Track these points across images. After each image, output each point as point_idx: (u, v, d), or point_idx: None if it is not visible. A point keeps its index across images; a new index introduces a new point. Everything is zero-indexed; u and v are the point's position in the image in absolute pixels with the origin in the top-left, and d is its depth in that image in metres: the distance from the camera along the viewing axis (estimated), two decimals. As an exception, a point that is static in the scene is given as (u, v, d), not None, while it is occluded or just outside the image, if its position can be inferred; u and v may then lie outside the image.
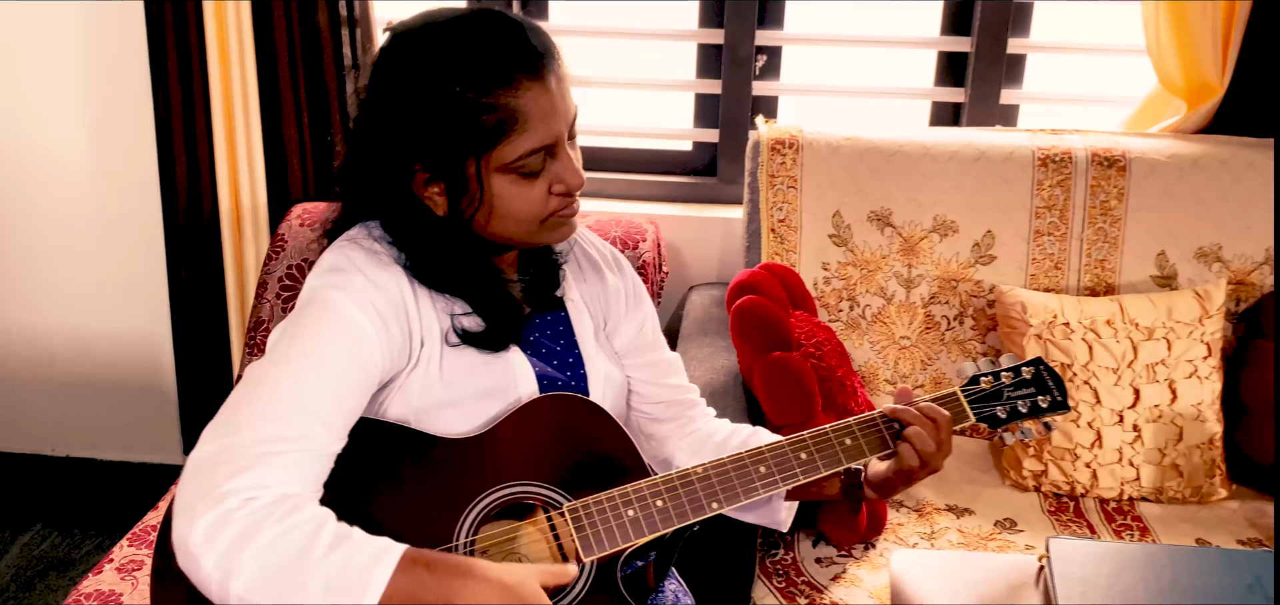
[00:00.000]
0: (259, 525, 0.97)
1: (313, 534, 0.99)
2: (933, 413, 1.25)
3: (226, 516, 0.97)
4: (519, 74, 1.11)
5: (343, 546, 0.99)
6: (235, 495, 0.98)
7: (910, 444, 1.24)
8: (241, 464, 1.01)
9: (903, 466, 1.24)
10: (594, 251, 1.40)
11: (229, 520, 0.97)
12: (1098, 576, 1.18)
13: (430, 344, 1.18)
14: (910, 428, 1.24)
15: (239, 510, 0.98)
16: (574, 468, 1.19)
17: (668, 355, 1.43)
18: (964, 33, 2.27)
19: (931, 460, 1.24)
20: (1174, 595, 1.14)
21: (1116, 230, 2.01)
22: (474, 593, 1.00)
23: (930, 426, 1.24)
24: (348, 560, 0.98)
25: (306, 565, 0.97)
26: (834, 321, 2.07)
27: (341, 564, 0.98)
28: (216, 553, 0.96)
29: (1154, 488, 1.88)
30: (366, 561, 0.99)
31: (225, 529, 0.97)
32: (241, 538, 0.97)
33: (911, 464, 1.24)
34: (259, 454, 1.01)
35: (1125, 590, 1.16)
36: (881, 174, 2.03)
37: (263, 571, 0.96)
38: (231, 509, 0.98)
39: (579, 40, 2.40)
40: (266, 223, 2.22)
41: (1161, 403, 1.87)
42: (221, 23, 2.10)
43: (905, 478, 1.27)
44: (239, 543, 0.96)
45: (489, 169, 1.14)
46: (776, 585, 1.62)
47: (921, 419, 1.24)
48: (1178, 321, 1.89)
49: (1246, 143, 2.03)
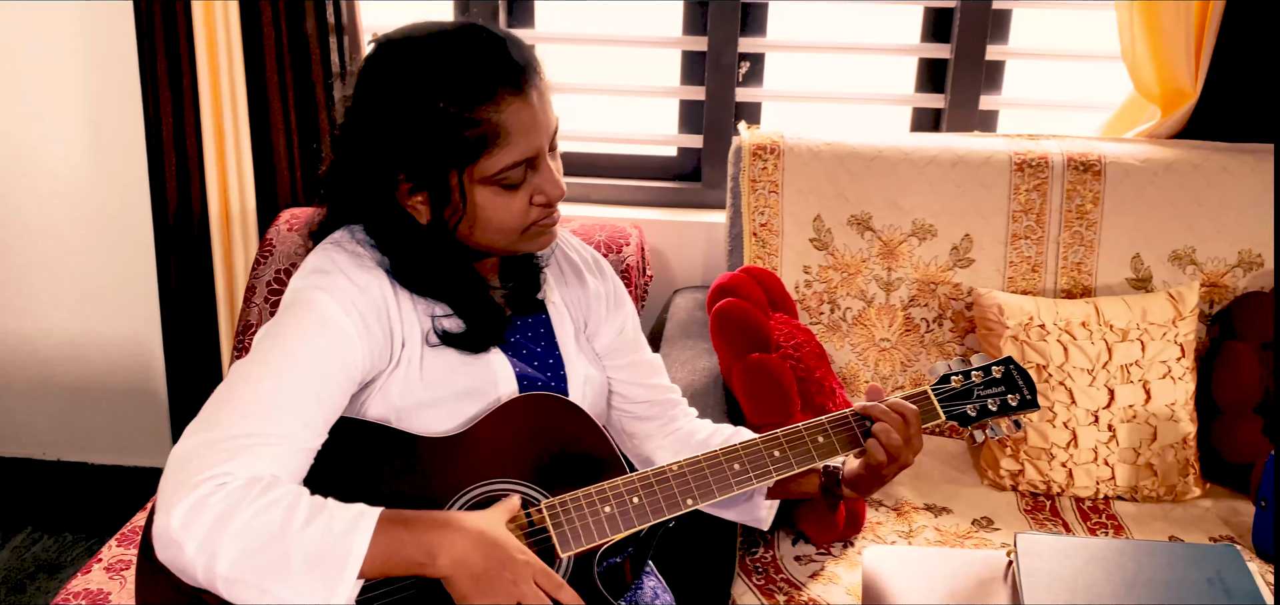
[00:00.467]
0: (235, 507, 1.00)
1: (289, 508, 1.02)
2: (901, 408, 1.28)
3: (201, 502, 1.00)
4: (502, 89, 1.14)
5: (320, 517, 1.02)
6: (210, 482, 1.01)
7: (877, 440, 1.26)
8: (220, 457, 1.03)
9: (871, 461, 1.27)
10: (575, 255, 1.42)
11: (205, 505, 1.00)
12: (1064, 571, 1.21)
13: (411, 345, 1.20)
14: (878, 424, 1.27)
15: (213, 494, 1.01)
16: (551, 465, 1.22)
17: (649, 356, 1.46)
18: (943, 40, 2.30)
19: (900, 455, 1.26)
20: (1137, 588, 1.17)
21: (1092, 233, 2.05)
22: (451, 542, 1.05)
23: (898, 422, 1.27)
24: (327, 529, 1.02)
25: (287, 539, 1.00)
26: (815, 324, 2.10)
27: (321, 534, 1.01)
28: (197, 538, 0.99)
29: (1129, 487, 1.91)
30: (345, 528, 1.02)
31: (202, 514, 1.00)
32: (220, 520, 1.00)
33: (879, 458, 1.26)
34: (237, 448, 1.04)
35: (1090, 584, 1.19)
36: (861, 179, 2.06)
37: (245, 550, 0.99)
38: (205, 494, 1.01)
39: (566, 47, 2.44)
40: (255, 227, 2.25)
41: (1136, 403, 1.90)
42: (211, 29, 2.13)
43: (875, 473, 1.29)
44: (218, 525, 0.99)
45: (472, 181, 1.16)
46: (756, 582, 1.65)
47: (889, 415, 1.27)
48: (1151, 323, 1.93)
49: (1219, 147, 2.06)
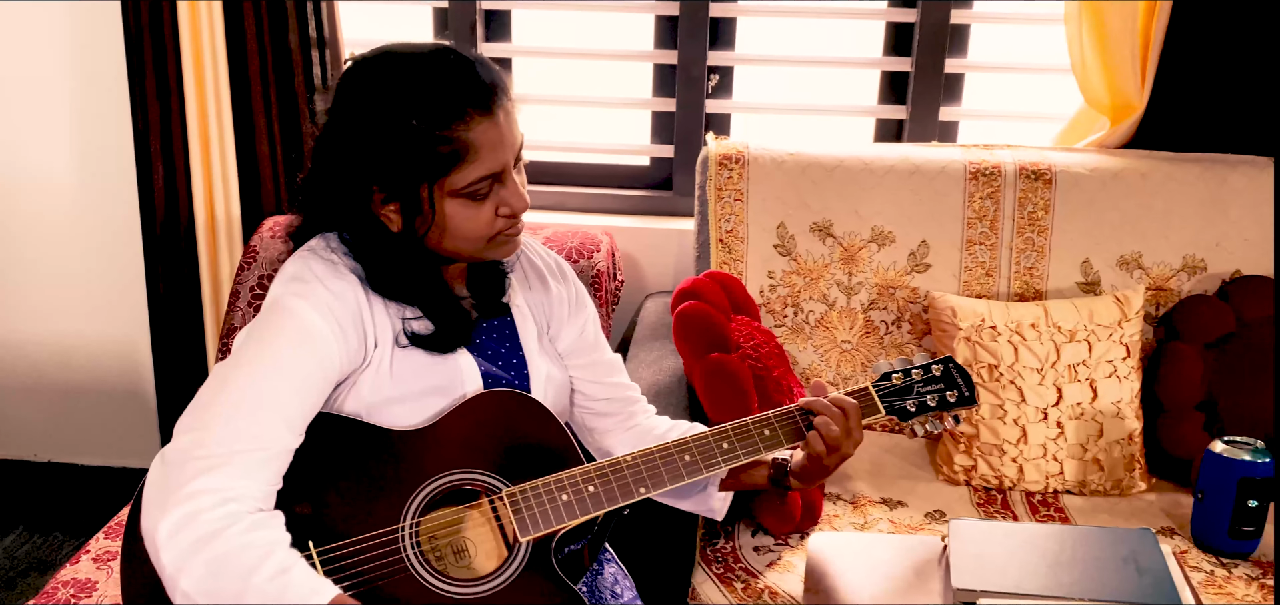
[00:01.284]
0: (218, 535, 1.09)
1: (262, 557, 1.10)
2: (841, 403, 1.36)
3: (194, 516, 1.09)
4: (471, 109, 1.22)
5: (283, 577, 1.10)
6: (207, 495, 1.10)
7: (818, 432, 1.35)
8: (210, 462, 1.12)
9: (812, 452, 1.35)
10: (539, 261, 1.50)
11: (196, 520, 1.09)
12: (991, 553, 1.29)
13: (382, 345, 1.28)
14: (819, 418, 1.35)
15: (207, 512, 1.10)
16: (513, 457, 1.29)
17: (609, 356, 1.54)
18: (904, 53, 2.39)
19: (840, 446, 1.34)
20: (1058, 568, 1.26)
21: (1043, 239, 2.14)
22: None
23: (837, 416, 1.35)
24: (283, 591, 1.09)
25: (247, 584, 1.08)
26: (779, 326, 2.19)
27: (279, 592, 1.09)
28: (176, 549, 1.08)
29: (1077, 481, 2.00)
30: (300, 596, 1.09)
31: (190, 528, 1.09)
32: (200, 542, 1.08)
33: (818, 449, 1.34)
34: (226, 453, 1.13)
35: (1015, 564, 1.27)
36: (823, 187, 2.15)
37: (209, 578, 1.08)
38: (201, 509, 1.09)
39: (542, 61, 2.52)
40: (240, 234, 2.33)
41: (1083, 401, 1.99)
42: (196, 43, 2.21)
43: (817, 463, 1.37)
44: (197, 546, 1.08)
45: (442, 193, 1.24)
46: (715, 572, 1.73)
47: (830, 409, 1.35)
48: (1098, 325, 2.01)
49: (1165, 157, 2.15)
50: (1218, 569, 1.78)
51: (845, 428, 1.34)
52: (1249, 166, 2.12)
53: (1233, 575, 1.76)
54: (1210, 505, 1.81)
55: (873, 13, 2.40)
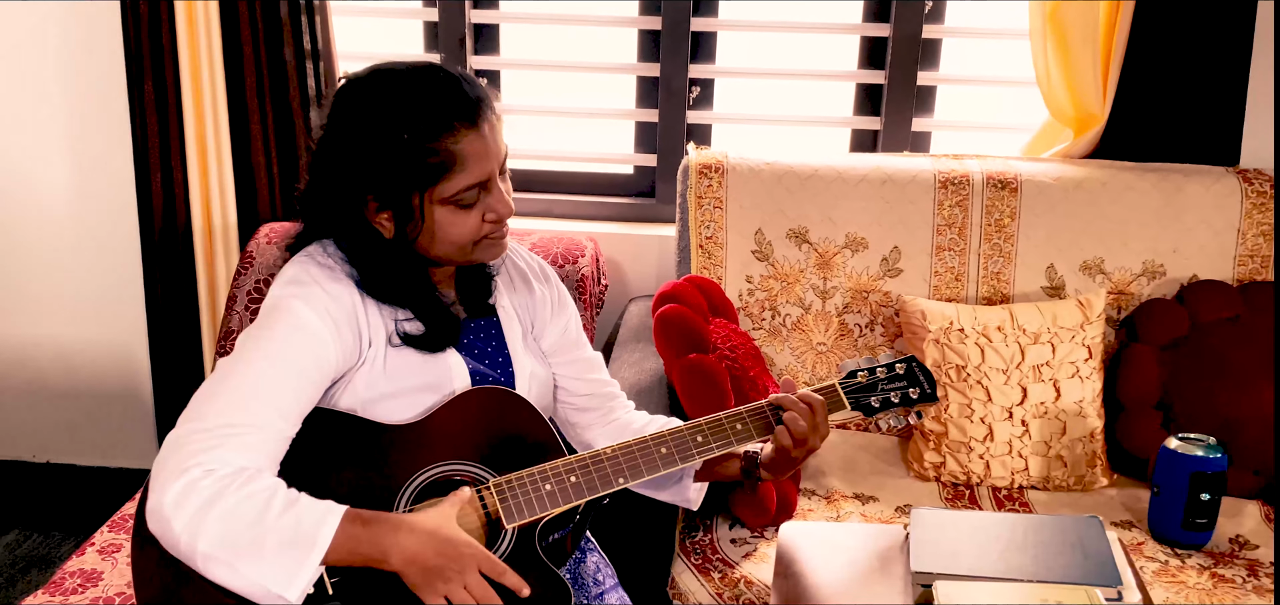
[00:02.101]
0: (222, 493, 1.17)
1: (268, 499, 1.19)
2: (808, 399, 1.45)
3: (192, 485, 1.17)
4: (458, 123, 1.30)
5: (293, 509, 1.20)
6: (199, 468, 1.18)
7: (786, 426, 1.43)
8: (208, 441, 1.21)
9: (780, 445, 1.44)
10: (523, 264, 1.59)
11: (196, 488, 1.17)
12: (949, 539, 1.38)
13: (376, 345, 1.36)
14: (787, 413, 1.44)
15: (203, 479, 1.18)
16: (499, 449, 1.38)
17: (589, 354, 1.62)
18: (878, 66, 2.49)
19: (807, 440, 1.43)
20: (1011, 553, 1.34)
21: (1010, 245, 2.23)
22: (403, 542, 1.21)
23: (805, 411, 1.43)
24: (299, 520, 1.19)
25: (263, 525, 1.17)
26: (758, 329, 2.27)
27: (294, 523, 1.18)
28: (185, 516, 1.17)
29: (1041, 477, 2.09)
30: (315, 520, 1.20)
31: (192, 495, 1.17)
32: (207, 503, 1.17)
33: (786, 442, 1.43)
34: (222, 435, 1.21)
35: (971, 549, 1.35)
36: (799, 195, 2.24)
37: (225, 531, 1.16)
38: (195, 478, 1.18)
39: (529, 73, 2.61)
40: (236, 241, 2.41)
41: (1047, 400, 2.08)
42: (194, 54, 2.29)
43: (785, 456, 1.46)
44: (205, 508, 1.16)
45: (431, 201, 1.33)
46: (694, 562, 1.82)
47: (797, 405, 1.44)
48: (1062, 327, 2.10)
49: (1125, 166, 2.25)
50: (1172, 559, 1.87)
51: (812, 423, 1.43)
52: (1205, 176, 2.21)
53: (1186, 565, 1.85)
54: (1165, 499, 1.90)
55: (848, 28, 2.49)
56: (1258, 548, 1.91)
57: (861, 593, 1.36)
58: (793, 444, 1.42)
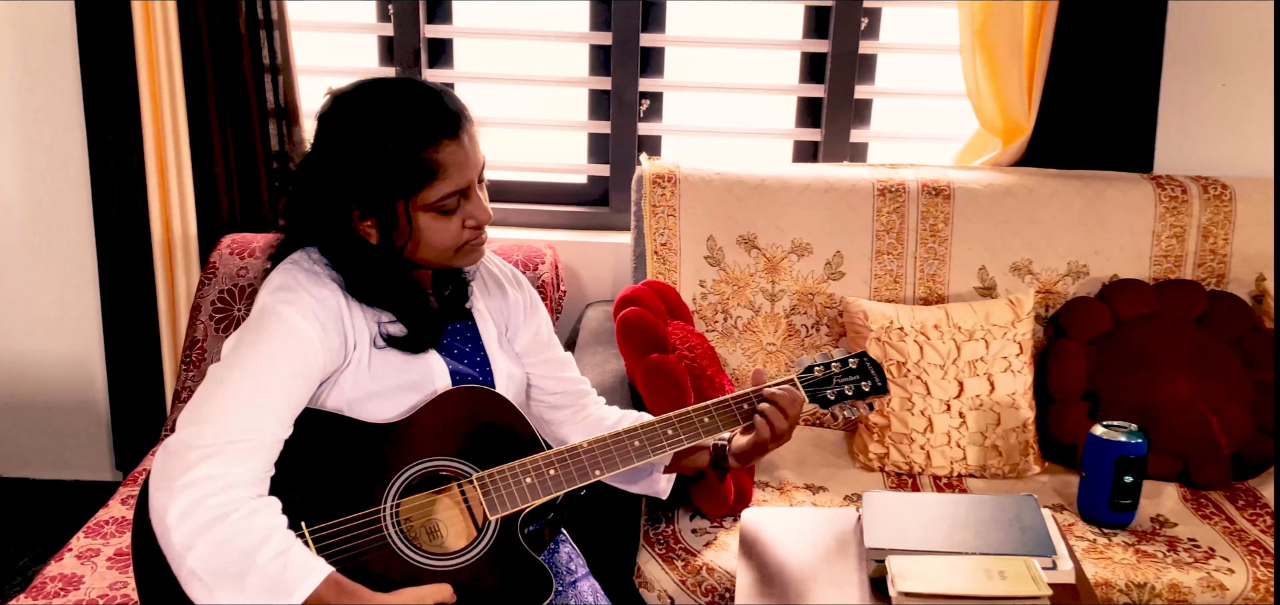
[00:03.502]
0: (225, 517, 1.24)
1: (264, 538, 1.25)
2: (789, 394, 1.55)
3: (199, 501, 1.24)
4: (439, 134, 1.38)
5: (283, 557, 1.25)
6: (208, 482, 1.25)
7: (765, 418, 1.54)
8: (209, 450, 1.27)
9: (759, 438, 1.55)
10: (497, 270, 1.67)
11: (201, 504, 1.24)
12: (898, 518, 1.49)
13: (361, 347, 1.43)
14: (766, 406, 1.54)
15: (211, 497, 1.24)
16: (480, 445, 1.45)
17: (561, 354, 1.70)
18: (818, 81, 2.61)
19: (784, 432, 1.54)
20: (954, 529, 1.46)
21: (944, 249, 2.37)
22: None
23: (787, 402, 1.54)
24: (284, 570, 1.24)
25: (252, 562, 1.24)
26: (711, 331, 2.38)
27: (279, 571, 1.24)
28: (185, 530, 1.23)
29: (978, 465, 2.22)
30: (298, 575, 1.25)
31: (196, 512, 1.23)
32: (207, 525, 1.23)
33: (764, 435, 1.54)
34: (223, 442, 1.27)
35: (918, 527, 1.47)
36: (747, 204, 2.35)
37: (216, 556, 1.23)
38: (204, 494, 1.24)
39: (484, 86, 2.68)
40: (196, 253, 2.44)
41: (982, 393, 2.22)
42: (153, 69, 2.32)
43: (760, 446, 1.57)
44: (204, 528, 1.23)
45: (414, 209, 1.40)
46: (658, 552, 1.91)
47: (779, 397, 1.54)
48: (994, 324, 2.24)
49: (1050, 174, 2.41)
50: (1099, 538, 2.01)
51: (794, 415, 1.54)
52: (1122, 182, 2.38)
53: (1113, 542, 1.99)
54: (1092, 482, 2.04)
55: (789, 44, 2.62)
56: (1176, 525, 2.06)
57: (821, 569, 1.47)
58: (770, 436, 1.53)
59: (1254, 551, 1.96)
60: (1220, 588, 1.86)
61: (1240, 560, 1.93)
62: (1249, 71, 2.47)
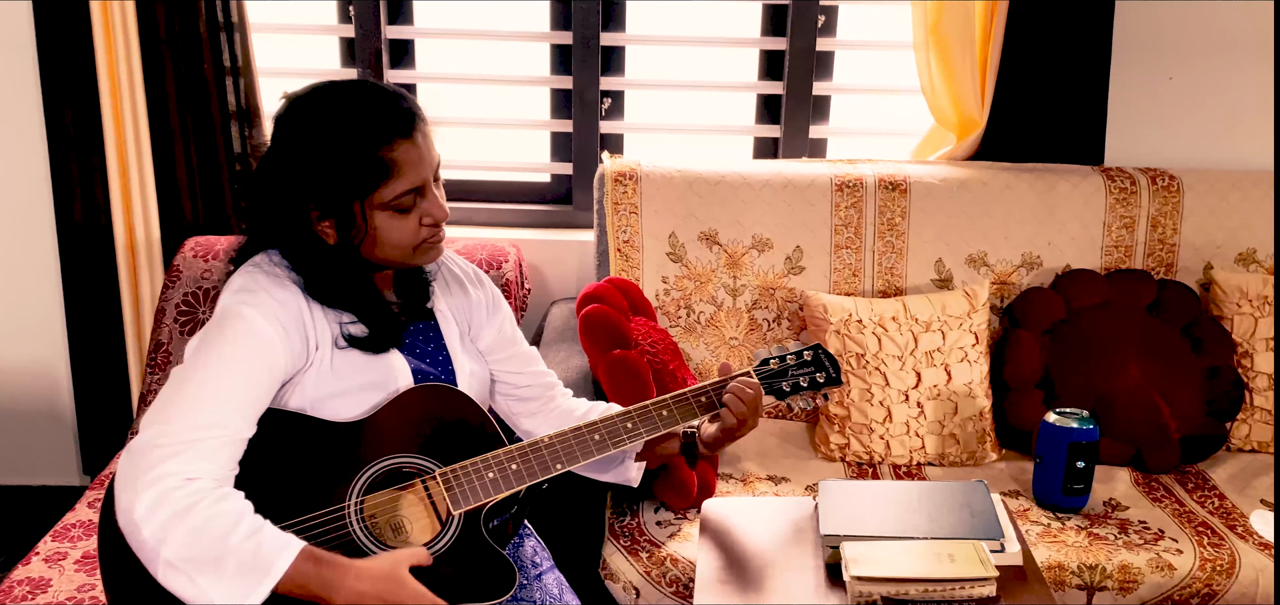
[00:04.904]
0: (194, 506, 1.26)
1: (235, 521, 1.28)
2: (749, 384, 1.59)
3: (167, 494, 1.26)
4: (394, 133, 1.40)
5: (256, 536, 1.28)
6: (173, 477, 1.27)
7: (728, 409, 1.58)
8: (173, 448, 1.29)
9: (726, 426, 1.59)
10: (458, 270, 1.69)
11: (168, 498, 1.25)
12: (854, 506, 1.53)
13: (323, 347, 1.45)
14: (729, 396, 1.58)
15: (178, 489, 1.26)
16: (443, 442, 1.47)
17: (526, 348, 1.73)
18: (777, 78, 2.65)
19: (747, 420, 1.58)
20: (907, 515, 1.50)
21: (902, 243, 2.41)
22: (350, 583, 1.30)
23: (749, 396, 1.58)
24: (259, 547, 1.27)
25: (226, 545, 1.26)
26: (674, 326, 2.41)
27: (254, 549, 1.27)
28: (155, 524, 1.25)
29: (937, 454, 2.27)
30: (273, 551, 1.28)
31: (164, 506, 1.25)
32: (178, 515, 1.25)
33: (730, 424, 1.58)
34: (186, 440, 1.29)
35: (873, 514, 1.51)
36: (708, 200, 2.38)
37: (190, 544, 1.25)
38: (171, 489, 1.26)
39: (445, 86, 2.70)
40: (160, 256, 2.44)
41: (939, 383, 2.27)
42: (113, 74, 2.32)
43: (729, 434, 1.61)
44: (174, 519, 1.25)
45: (371, 208, 1.42)
46: (623, 545, 1.94)
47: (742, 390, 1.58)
48: (950, 315, 2.29)
49: (1003, 167, 2.46)
50: (1053, 522, 2.06)
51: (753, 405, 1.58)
52: (1073, 175, 2.44)
53: (1066, 526, 2.04)
54: (1046, 468, 2.09)
55: (747, 41, 2.65)
56: (1128, 509, 2.12)
57: (780, 557, 1.51)
58: (736, 424, 1.57)
59: (1202, 532, 2.02)
60: (1169, 568, 1.92)
61: (1188, 541, 1.99)
62: (1195, 65, 2.54)
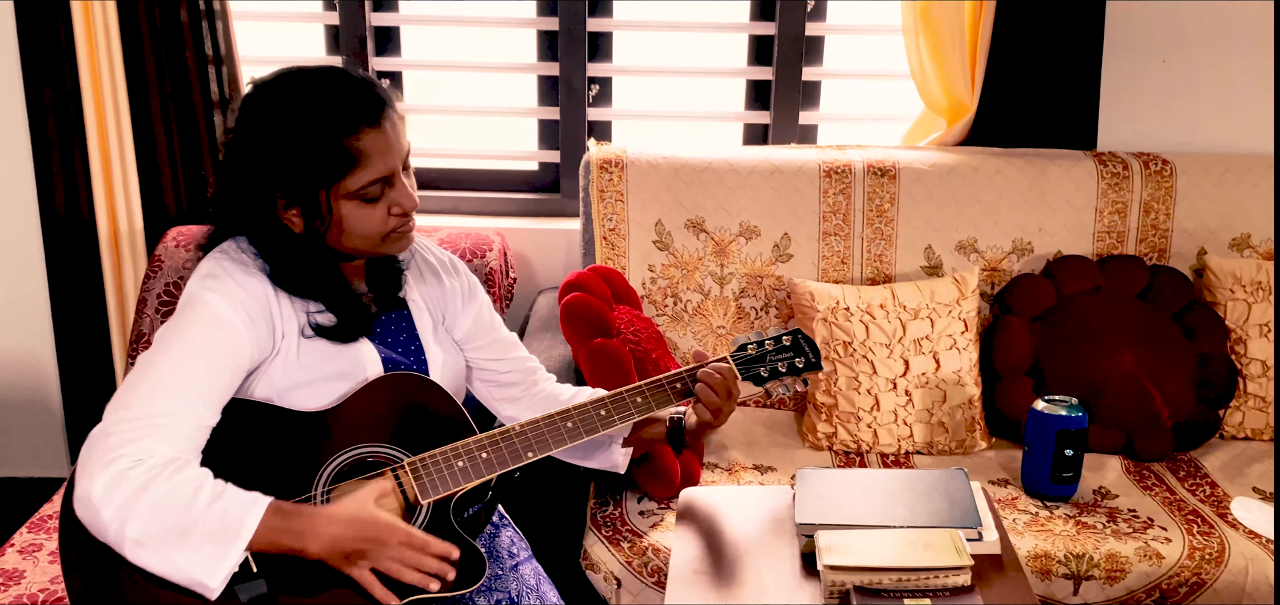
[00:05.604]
0: (151, 482, 1.24)
1: (195, 490, 1.26)
2: (719, 370, 1.57)
3: (123, 474, 1.24)
4: (361, 123, 1.38)
5: (220, 500, 1.27)
6: (128, 457, 1.25)
7: (699, 397, 1.56)
8: (133, 433, 1.27)
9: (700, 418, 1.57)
10: (433, 258, 1.67)
11: (126, 477, 1.24)
12: (830, 494, 1.51)
13: (289, 336, 1.43)
14: (700, 385, 1.56)
15: (133, 469, 1.24)
16: (412, 431, 1.46)
17: (505, 335, 1.71)
18: (766, 63, 2.62)
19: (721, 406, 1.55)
20: (884, 504, 1.48)
21: (891, 229, 2.39)
22: (321, 529, 1.29)
23: (717, 382, 1.55)
24: (225, 512, 1.26)
25: (191, 515, 1.25)
26: (661, 315, 2.39)
27: (220, 514, 1.26)
28: (115, 504, 1.23)
29: (925, 442, 2.25)
30: (239, 512, 1.27)
31: (123, 484, 1.23)
32: (137, 493, 1.23)
33: (706, 416, 1.56)
34: (147, 426, 1.28)
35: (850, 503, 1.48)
36: (695, 187, 2.36)
37: (154, 519, 1.23)
38: (126, 469, 1.24)
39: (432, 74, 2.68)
40: (143, 246, 2.42)
41: (928, 371, 2.24)
42: (94, 64, 2.30)
43: (703, 425, 1.58)
44: (134, 496, 1.23)
45: (338, 197, 1.40)
46: (604, 534, 1.92)
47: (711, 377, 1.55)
48: (939, 303, 2.26)
49: (995, 152, 2.43)
50: (1042, 511, 2.03)
51: (724, 391, 1.55)
52: (1066, 159, 2.40)
53: (1054, 515, 2.02)
54: (1035, 456, 2.07)
55: (736, 26, 2.63)
56: (1118, 497, 2.09)
57: (756, 546, 1.49)
58: (711, 414, 1.54)
59: (1192, 521, 1.99)
60: (1156, 557, 1.89)
61: (1178, 530, 1.96)
62: (1190, 48, 2.50)
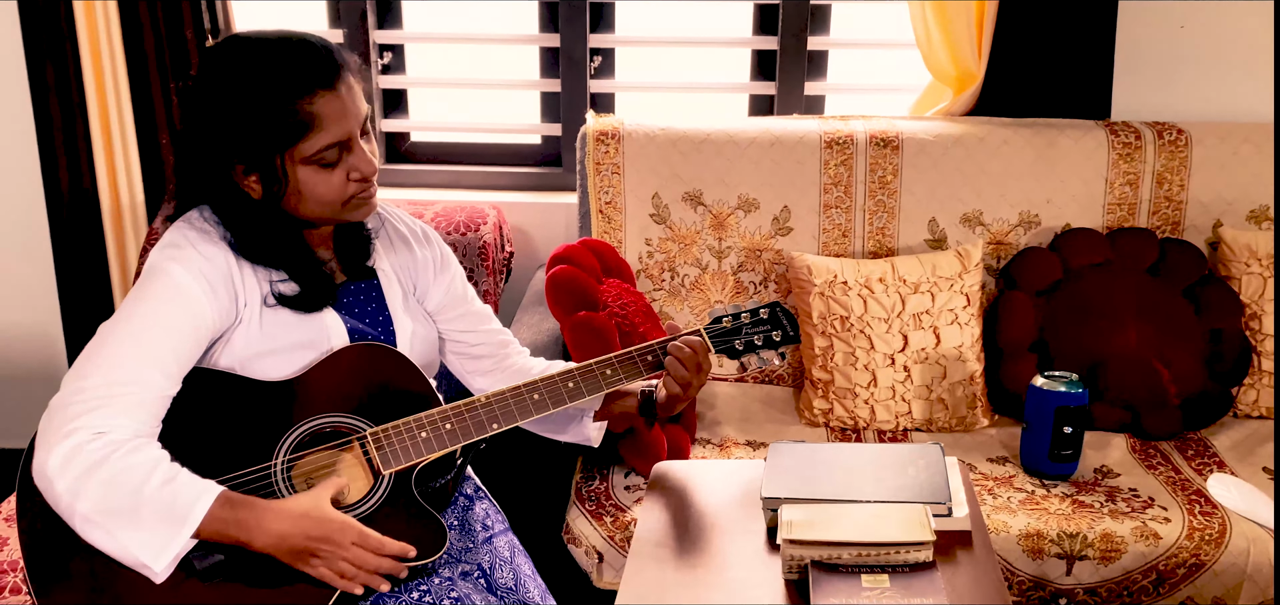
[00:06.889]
0: (107, 459, 1.25)
1: (149, 471, 1.27)
2: (689, 343, 1.54)
3: (79, 448, 1.24)
4: (314, 85, 1.36)
5: (171, 484, 1.27)
6: (86, 430, 1.25)
7: (668, 371, 1.53)
8: (90, 404, 1.27)
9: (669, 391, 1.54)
10: (404, 227, 1.65)
11: (82, 451, 1.24)
12: (799, 468, 1.47)
13: (252, 305, 1.42)
14: (669, 359, 1.53)
15: (90, 442, 1.25)
16: (376, 402, 1.45)
17: (478, 307, 1.69)
18: (771, 33, 2.57)
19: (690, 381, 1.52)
20: (853, 477, 1.44)
21: (893, 201, 2.33)
22: (269, 524, 1.29)
23: (688, 356, 1.52)
24: (175, 496, 1.27)
25: (142, 496, 1.25)
26: (658, 290, 2.36)
27: (170, 498, 1.26)
28: (68, 478, 1.24)
29: (924, 419, 2.20)
30: (189, 499, 1.27)
31: (78, 458, 1.24)
32: (90, 469, 1.24)
33: (675, 389, 1.53)
34: (104, 396, 1.28)
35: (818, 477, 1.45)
36: (692, 159, 2.32)
37: (105, 497, 1.24)
38: (83, 441, 1.25)
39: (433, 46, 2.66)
40: (144, 218, 2.45)
41: (927, 346, 2.19)
42: (94, 40, 2.33)
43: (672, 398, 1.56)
44: (88, 472, 1.24)
45: (294, 162, 1.39)
46: (588, 509, 1.90)
47: (680, 350, 1.52)
48: (941, 277, 2.21)
49: (1001, 123, 2.36)
50: (1039, 489, 1.98)
51: (693, 364, 1.52)
52: (1075, 129, 2.33)
53: (1051, 494, 1.97)
54: (1034, 433, 2.02)
55: (740, -5, 2.58)
56: (1119, 476, 2.03)
57: (723, 520, 1.46)
58: (680, 388, 1.52)
59: (1195, 501, 1.93)
60: (1154, 537, 1.83)
61: (1179, 509, 1.90)
62: (1208, 13, 2.41)
